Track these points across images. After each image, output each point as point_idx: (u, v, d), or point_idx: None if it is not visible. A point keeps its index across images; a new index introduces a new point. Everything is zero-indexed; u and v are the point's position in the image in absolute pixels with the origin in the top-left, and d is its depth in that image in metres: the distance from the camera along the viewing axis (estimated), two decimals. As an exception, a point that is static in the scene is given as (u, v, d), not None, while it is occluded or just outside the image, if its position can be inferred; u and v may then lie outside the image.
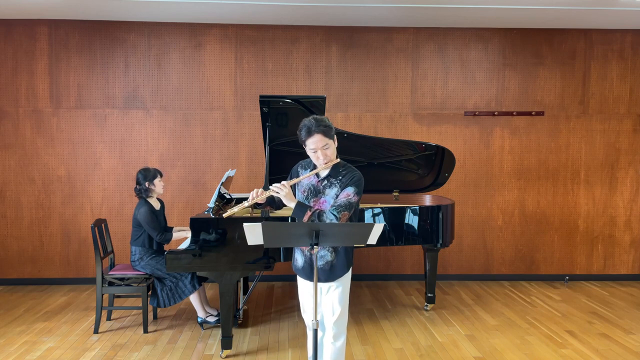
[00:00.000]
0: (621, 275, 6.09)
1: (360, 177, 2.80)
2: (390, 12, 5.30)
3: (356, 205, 2.79)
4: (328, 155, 2.75)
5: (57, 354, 3.87)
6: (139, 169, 4.39)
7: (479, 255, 6.06)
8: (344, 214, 2.69)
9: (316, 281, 2.53)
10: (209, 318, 4.41)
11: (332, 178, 2.81)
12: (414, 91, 5.91)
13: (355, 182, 2.76)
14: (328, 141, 2.74)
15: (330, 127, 2.75)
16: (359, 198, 2.77)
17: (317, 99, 4.39)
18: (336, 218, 2.67)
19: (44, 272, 5.79)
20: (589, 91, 5.97)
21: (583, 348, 4.01)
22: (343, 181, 2.77)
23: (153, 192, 4.36)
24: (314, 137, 2.71)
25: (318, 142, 2.72)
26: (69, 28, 5.65)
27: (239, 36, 5.76)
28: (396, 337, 4.23)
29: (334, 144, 2.79)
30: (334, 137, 2.80)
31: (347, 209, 2.70)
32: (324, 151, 2.74)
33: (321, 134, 2.71)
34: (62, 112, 5.72)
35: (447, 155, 4.88)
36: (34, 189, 5.74)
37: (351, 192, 2.74)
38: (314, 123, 2.72)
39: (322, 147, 2.73)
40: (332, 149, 2.77)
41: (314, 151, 2.75)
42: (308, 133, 2.72)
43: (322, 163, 2.76)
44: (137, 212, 4.28)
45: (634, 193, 6.04)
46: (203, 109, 5.81)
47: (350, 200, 2.72)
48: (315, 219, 2.69)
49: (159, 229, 4.26)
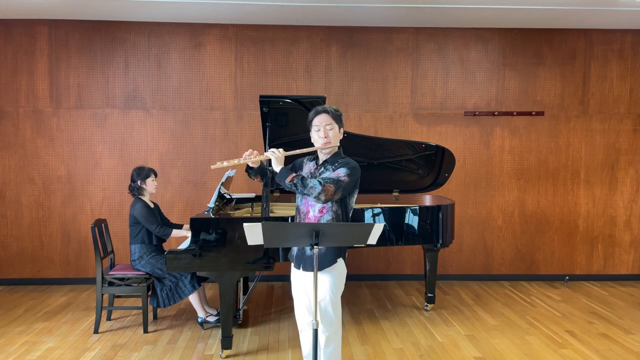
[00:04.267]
0: (621, 275, 6.09)
1: (356, 166, 2.80)
2: (390, 12, 5.30)
3: (346, 189, 2.73)
4: (329, 136, 2.79)
5: (57, 354, 3.87)
6: (135, 167, 4.43)
7: (479, 255, 6.06)
8: (329, 185, 2.66)
9: (316, 280, 2.50)
10: (209, 318, 4.41)
11: (329, 164, 2.83)
12: (414, 91, 5.91)
13: (349, 166, 2.76)
14: (333, 122, 2.80)
15: (339, 114, 2.85)
16: (349, 180, 2.72)
17: (317, 99, 4.39)
18: (320, 184, 2.65)
19: (44, 272, 5.79)
20: (589, 91, 5.97)
21: (583, 348, 4.01)
22: (337, 166, 2.79)
23: (145, 191, 4.38)
24: (321, 116, 2.79)
25: (324, 120, 2.78)
26: (69, 28, 5.65)
27: (239, 36, 5.76)
28: (396, 337, 4.23)
29: (338, 130, 2.83)
30: (341, 125, 2.85)
31: (334, 183, 2.68)
32: (326, 130, 2.78)
33: (329, 115, 2.80)
34: (62, 112, 5.72)
35: (447, 155, 4.88)
36: (34, 189, 5.74)
37: (342, 172, 2.73)
38: (325, 106, 2.83)
39: (325, 125, 2.78)
40: (334, 132, 2.81)
41: (317, 129, 2.80)
42: (316, 112, 2.81)
43: (322, 142, 2.79)
44: (132, 210, 4.30)
45: (634, 193, 6.04)
46: (203, 109, 5.81)
47: (340, 178, 2.70)
48: (297, 182, 2.68)
49: (156, 222, 4.27)
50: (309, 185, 2.67)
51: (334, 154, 2.85)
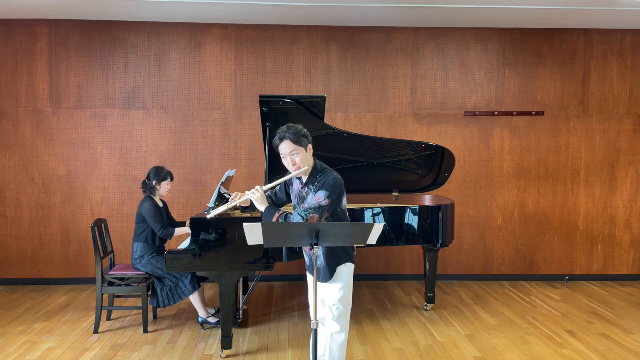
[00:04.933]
0: (621, 275, 6.09)
1: (334, 180, 2.79)
2: (390, 12, 5.30)
3: (330, 209, 2.78)
4: (297, 163, 2.79)
5: (57, 354, 3.87)
6: (154, 166, 4.45)
7: (479, 255, 6.06)
8: (312, 217, 2.72)
9: (316, 280, 2.53)
10: (210, 319, 4.41)
11: (310, 185, 2.85)
12: (414, 91, 5.91)
13: (327, 186, 2.77)
14: (296, 147, 2.77)
15: (299, 134, 2.78)
16: (330, 201, 2.76)
17: (317, 99, 4.39)
18: (302, 219, 2.71)
19: (44, 272, 5.79)
20: (589, 91, 5.97)
21: (583, 348, 4.01)
22: (317, 186, 2.81)
23: (157, 192, 4.40)
24: (284, 144, 2.78)
25: (286, 148, 2.78)
26: (69, 28, 5.65)
27: (239, 36, 5.76)
28: (396, 337, 4.23)
29: (305, 152, 2.81)
30: (307, 145, 2.82)
31: (316, 211, 2.73)
32: (292, 157, 2.78)
33: (289, 141, 2.77)
34: (62, 112, 5.72)
35: (447, 155, 4.88)
36: (34, 189, 5.74)
37: (322, 196, 2.76)
38: (284, 130, 2.80)
39: (289, 153, 2.78)
40: (301, 156, 2.79)
41: (283, 157, 2.82)
42: (279, 140, 2.80)
43: (293, 170, 2.82)
44: (141, 207, 4.32)
45: (634, 193, 6.04)
46: (203, 109, 5.81)
47: (321, 204, 2.74)
48: (282, 221, 2.73)
49: (161, 224, 4.28)
50: (294, 221, 2.73)
51: (311, 172, 2.86)
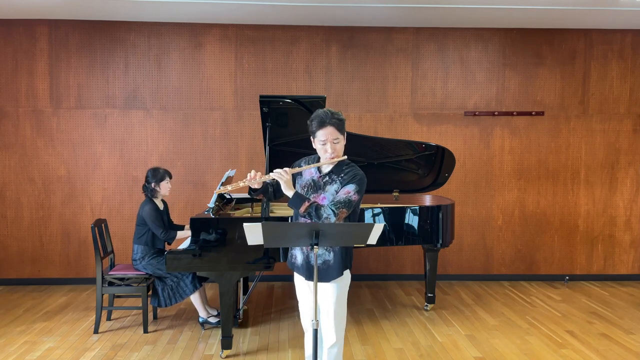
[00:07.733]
0: (621, 275, 6.09)
1: (363, 176, 2.71)
2: (390, 12, 5.30)
3: (356, 206, 2.71)
4: (337, 150, 2.68)
5: (57, 354, 3.87)
6: (150, 168, 4.42)
7: (479, 255, 6.06)
8: (342, 211, 2.61)
9: (316, 280, 2.50)
10: (211, 319, 4.41)
11: (334, 175, 2.73)
12: (414, 91, 5.91)
13: (357, 181, 2.68)
14: (339, 135, 2.67)
15: (343, 121, 2.69)
16: (359, 197, 2.68)
17: (317, 99, 4.39)
18: (334, 214, 2.59)
19: (44, 272, 5.79)
20: (589, 91, 5.97)
21: (583, 348, 4.01)
22: (345, 178, 2.70)
23: (158, 194, 4.38)
24: (327, 129, 2.65)
25: (330, 134, 2.64)
26: (69, 28, 5.65)
27: (239, 36, 5.76)
28: (396, 337, 4.23)
29: (343, 140, 2.72)
30: (345, 133, 2.73)
31: (346, 206, 2.62)
32: (333, 145, 2.66)
33: (334, 127, 2.65)
34: (62, 112, 5.72)
35: (447, 155, 4.88)
36: (34, 189, 5.74)
37: (352, 189, 2.65)
38: (329, 114, 2.65)
39: (332, 140, 2.66)
40: (341, 145, 2.70)
41: (323, 143, 2.67)
42: (321, 124, 2.65)
43: (329, 157, 2.68)
44: (141, 210, 4.30)
45: (634, 193, 6.04)
46: (203, 109, 5.81)
47: (350, 198, 2.63)
48: (312, 212, 2.61)
49: (162, 227, 4.27)
50: (324, 216, 2.60)
51: (339, 162, 2.75)
